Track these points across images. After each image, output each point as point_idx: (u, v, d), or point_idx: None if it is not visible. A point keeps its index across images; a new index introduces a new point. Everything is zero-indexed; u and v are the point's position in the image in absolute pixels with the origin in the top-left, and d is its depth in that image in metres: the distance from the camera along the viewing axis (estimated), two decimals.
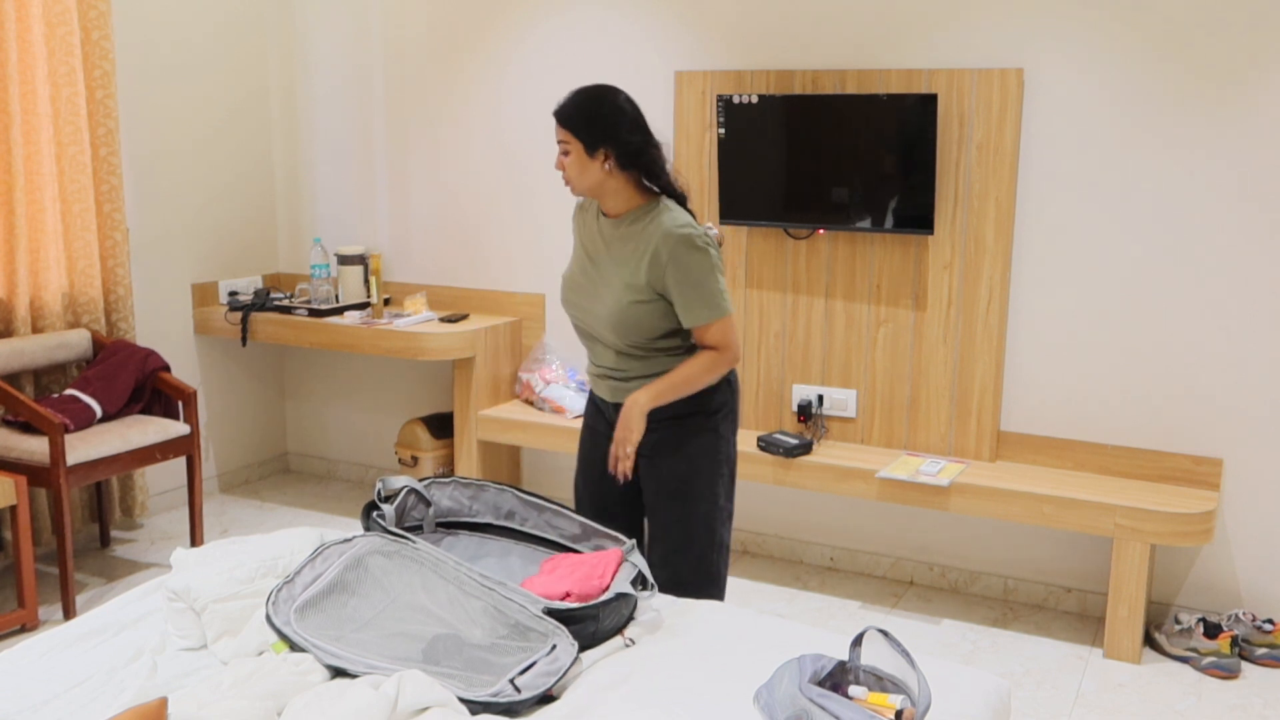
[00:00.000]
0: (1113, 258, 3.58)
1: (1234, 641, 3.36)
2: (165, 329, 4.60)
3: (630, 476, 2.71)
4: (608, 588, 2.39)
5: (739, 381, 2.87)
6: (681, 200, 2.72)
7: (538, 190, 4.43)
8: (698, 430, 2.74)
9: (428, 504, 2.71)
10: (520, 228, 4.51)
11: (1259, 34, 3.31)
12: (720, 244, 2.77)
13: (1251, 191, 3.39)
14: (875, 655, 2.09)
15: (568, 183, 2.69)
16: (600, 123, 2.62)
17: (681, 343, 2.72)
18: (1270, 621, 3.44)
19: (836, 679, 2.08)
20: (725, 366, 2.68)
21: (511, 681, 2.10)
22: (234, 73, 4.77)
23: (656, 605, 2.53)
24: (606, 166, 2.63)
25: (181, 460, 4.56)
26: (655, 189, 2.69)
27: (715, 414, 2.76)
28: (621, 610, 2.39)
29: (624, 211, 2.69)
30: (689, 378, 2.66)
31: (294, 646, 2.20)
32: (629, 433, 2.65)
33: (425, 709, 1.97)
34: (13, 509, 3.46)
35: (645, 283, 2.62)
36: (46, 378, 4.06)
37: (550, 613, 2.28)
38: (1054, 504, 3.46)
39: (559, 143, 2.67)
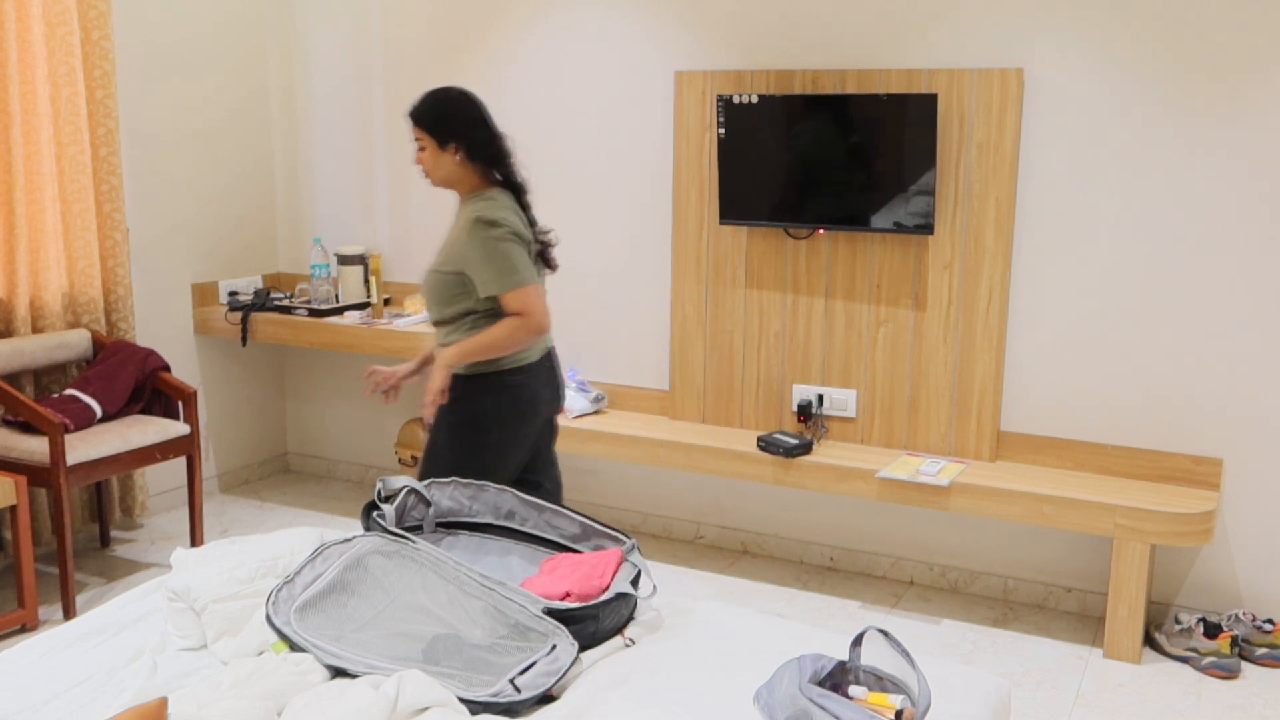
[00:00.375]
0: (1113, 258, 3.58)
1: (1234, 641, 3.36)
2: (165, 329, 4.59)
3: (431, 422, 2.98)
4: (607, 588, 2.39)
5: (532, 390, 3.04)
6: (520, 190, 3.05)
7: (537, 190, 4.43)
8: (453, 415, 3.00)
9: (428, 504, 2.72)
10: None
11: (1260, 33, 3.31)
12: (547, 245, 3.06)
13: (1252, 191, 3.39)
14: (875, 655, 2.10)
15: (426, 175, 3.02)
16: (450, 120, 2.97)
17: (472, 321, 2.98)
18: (1270, 621, 3.44)
19: (836, 679, 2.08)
20: (528, 334, 2.93)
21: (511, 681, 2.10)
22: (234, 73, 4.77)
23: (656, 605, 2.54)
24: (457, 158, 2.98)
25: (181, 460, 4.56)
26: (500, 178, 3.04)
27: (476, 412, 2.99)
28: (621, 610, 2.39)
29: (467, 195, 3.03)
30: (493, 340, 2.92)
31: (294, 646, 2.20)
32: (432, 383, 2.92)
33: (425, 709, 1.97)
34: (13, 509, 3.46)
35: (447, 255, 2.97)
36: (46, 378, 4.06)
37: (550, 613, 2.28)
38: (1054, 504, 3.46)
39: (415, 140, 3.00)
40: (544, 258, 3.07)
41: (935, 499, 3.59)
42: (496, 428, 3.00)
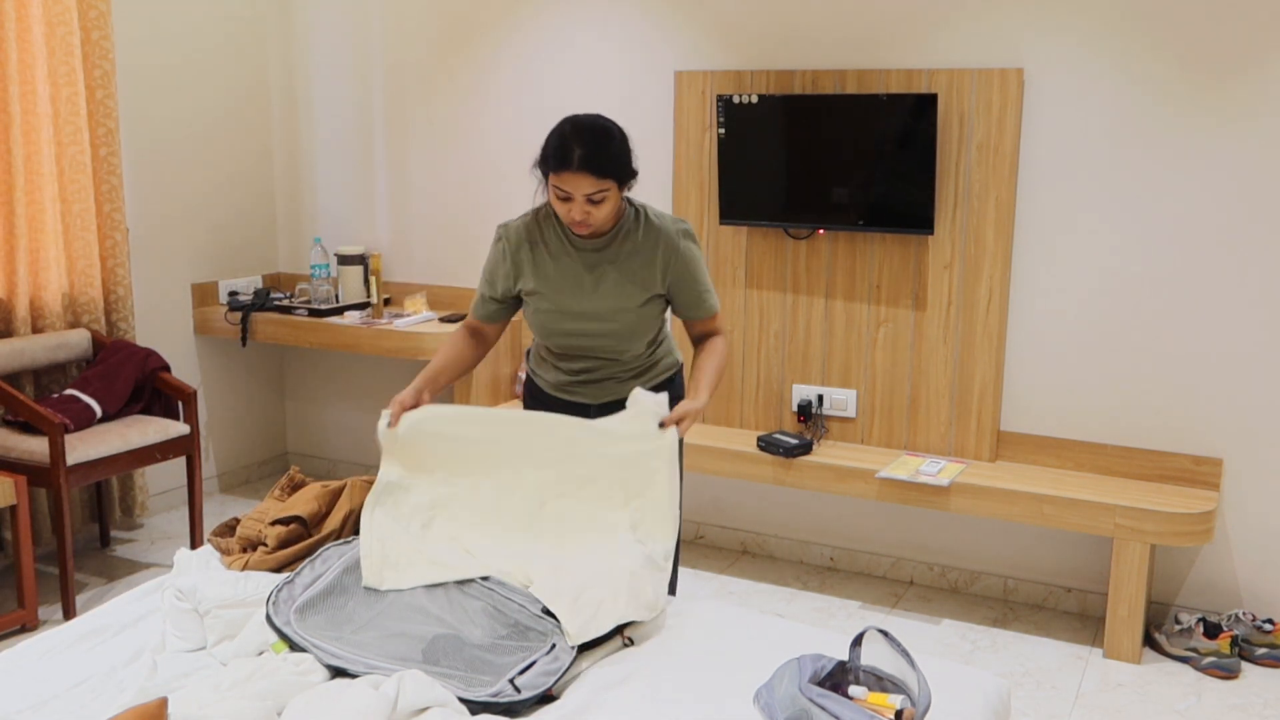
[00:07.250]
0: (1113, 257, 3.58)
1: (1234, 641, 3.35)
2: (165, 329, 4.59)
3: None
4: None
5: None
6: None
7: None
8: None
9: None
10: None
11: (1260, 34, 3.31)
12: None
13: (1251, 191, 3.39)
14: (875, 655, 2.09)
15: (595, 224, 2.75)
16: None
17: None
18: (1270, 621, 3.44)
19: (836, 679, 2.08)
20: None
21: (511, 681, 2.09)
22: (234, 73, 4.77)
23: None
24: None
25: (181, 460, 4.55)
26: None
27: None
28: None
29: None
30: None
31: (294, 646, 2.20)
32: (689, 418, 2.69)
33: (425, 709, 1.97)
34: (13, 509, 3.46)
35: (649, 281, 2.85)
36: (46, 378, 4.05)
37: (549, 612, 2.28)
38: (1054, 504, 3.46)
39: (598, 193, 2.70)
40: None
41: (935, 499, 3.59)
42: None
